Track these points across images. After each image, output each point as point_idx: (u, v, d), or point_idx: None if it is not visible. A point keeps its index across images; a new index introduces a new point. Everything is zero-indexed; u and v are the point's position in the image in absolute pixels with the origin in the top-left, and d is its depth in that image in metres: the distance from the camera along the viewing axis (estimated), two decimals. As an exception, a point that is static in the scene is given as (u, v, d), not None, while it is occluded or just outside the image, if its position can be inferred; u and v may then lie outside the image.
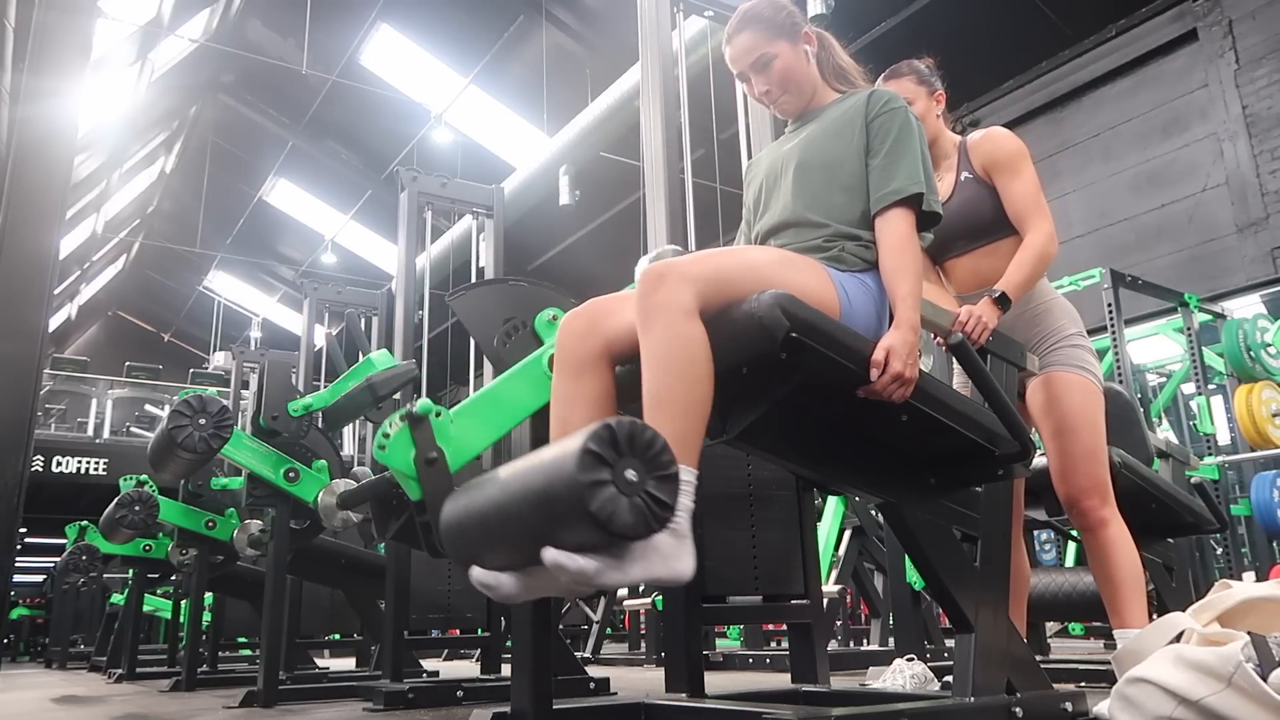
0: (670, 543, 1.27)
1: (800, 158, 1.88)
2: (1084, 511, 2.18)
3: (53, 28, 3.02)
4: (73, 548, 7.09)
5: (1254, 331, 6.17)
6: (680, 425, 1.37)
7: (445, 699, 3.25)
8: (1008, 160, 2.22)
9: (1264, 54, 7.43)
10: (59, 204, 3.06)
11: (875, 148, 1.80)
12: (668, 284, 1.45)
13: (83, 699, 4.29)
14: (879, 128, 1.81)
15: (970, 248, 2.28)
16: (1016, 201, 2.19)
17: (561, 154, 9.93)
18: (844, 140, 1.83)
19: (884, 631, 5.06)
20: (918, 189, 1.74)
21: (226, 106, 14.29)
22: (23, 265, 2.81)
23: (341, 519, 3.65)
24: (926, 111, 2.34)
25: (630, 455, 1.18)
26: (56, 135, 3.06)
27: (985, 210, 2.24)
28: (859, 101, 1.86)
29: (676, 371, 1.41)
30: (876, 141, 1.80)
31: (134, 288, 21.09)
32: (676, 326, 1.43)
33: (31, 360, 2.82)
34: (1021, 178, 2.20)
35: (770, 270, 1.57)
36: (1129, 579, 2.14)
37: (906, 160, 1.76)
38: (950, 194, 2.29)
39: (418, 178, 4.17)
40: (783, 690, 2.31)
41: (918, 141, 1.79)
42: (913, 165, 1.76)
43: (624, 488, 1.16)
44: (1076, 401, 2.18)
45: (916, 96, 2.35)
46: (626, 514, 1.15)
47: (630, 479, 1.17)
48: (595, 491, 1.13)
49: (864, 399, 1.59)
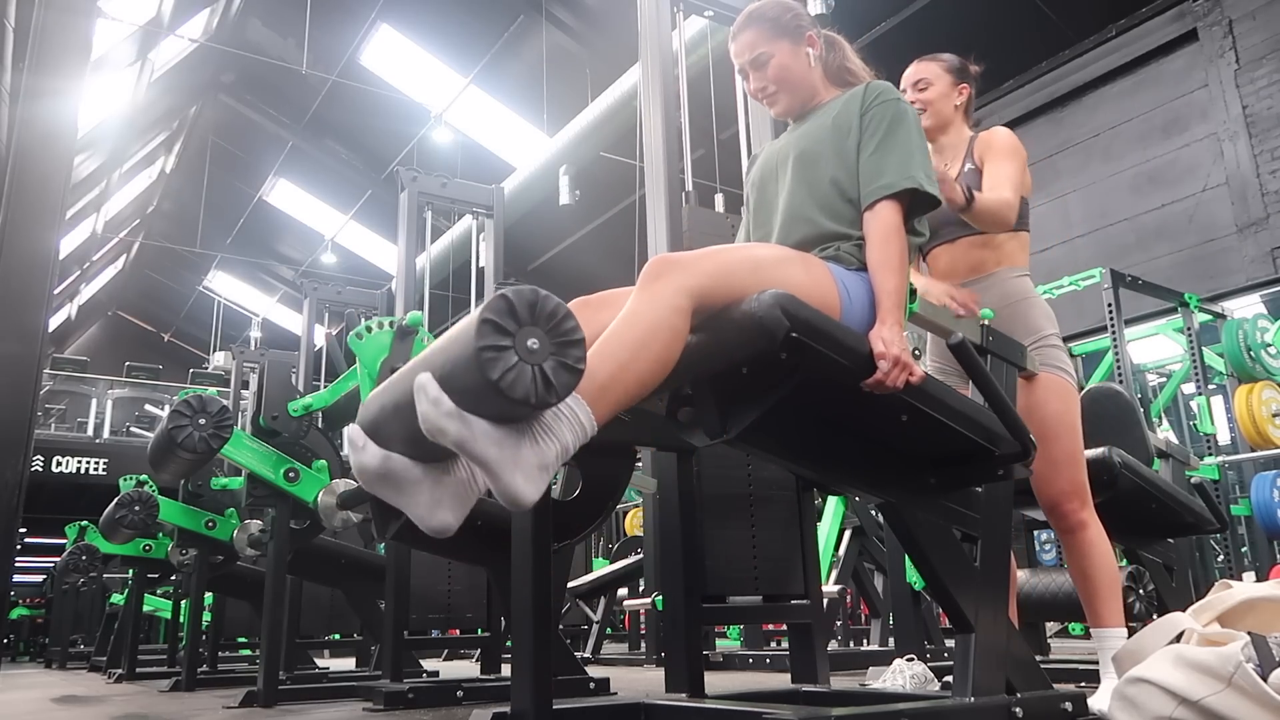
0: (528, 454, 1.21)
1: (796, 155, 1.88)
2: (1065, 514, 2.21)
3: (53, 28, 3.02)
4: (73, 548, 7.10)
5: (1254, 331, 6.17)
6: (612, 372, 1.34)
7: (445, 699, 3.24)
8: (997, 150, 2.31)
9: (1264, 54, 7.43)
10: (59, 204, 3.06)
11: (866, 141, 1.78)
12: (670, 277, 1.46)
13: (83, 699, 4.29)
14: (871, 120, 1.79)
15: (962, 234, 2.33)
16: (993, 177, 2.25)
17: (561, 154, 9.93)
18: (839, 135, 1.83)
19: (884, 631, 5.06)
20: (907, 184, 1.71)
21: (226, 106, 14.29)
22: (23, 265, 2.81)
23: (341, 519, 3.65)
24: (942, 96, 2.41)
25: (532, 324, 1.17)
26: (56, 135, 3.06)
27: None
28: (854, 95, 1.86)
29: (640, 335, 1.39)
30: (867, 135, 1.79)
31: (134, 288, 21.09)
32: (662, 309, 1.43)
33: (31, 360, 2.82)
34: (1007, 164, 2.27)
35: (772, 267, 1.57)
36: (1106, 579, 2.19)
37: (897, 153, 1.74)
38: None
39: (418, 178, 4.17)
40: (783, 690, 2.31)
41: (911, 132, 1.78)
42: (903, 158, 1.73)
43: (525, 355, 1.16)
44: (1058, 406, 2.20)
45: (937, 80, 2.42)
46: (526, 380, 1.14)
47: (532, 347, 1.16)
48: (495, 357, 1.13)
49: (864, 399, 1.59)
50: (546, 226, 12.45)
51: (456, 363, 1.19)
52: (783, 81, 1.93)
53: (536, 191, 10.49)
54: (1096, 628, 2.21)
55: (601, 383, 1.32)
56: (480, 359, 1.14)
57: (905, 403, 1.62)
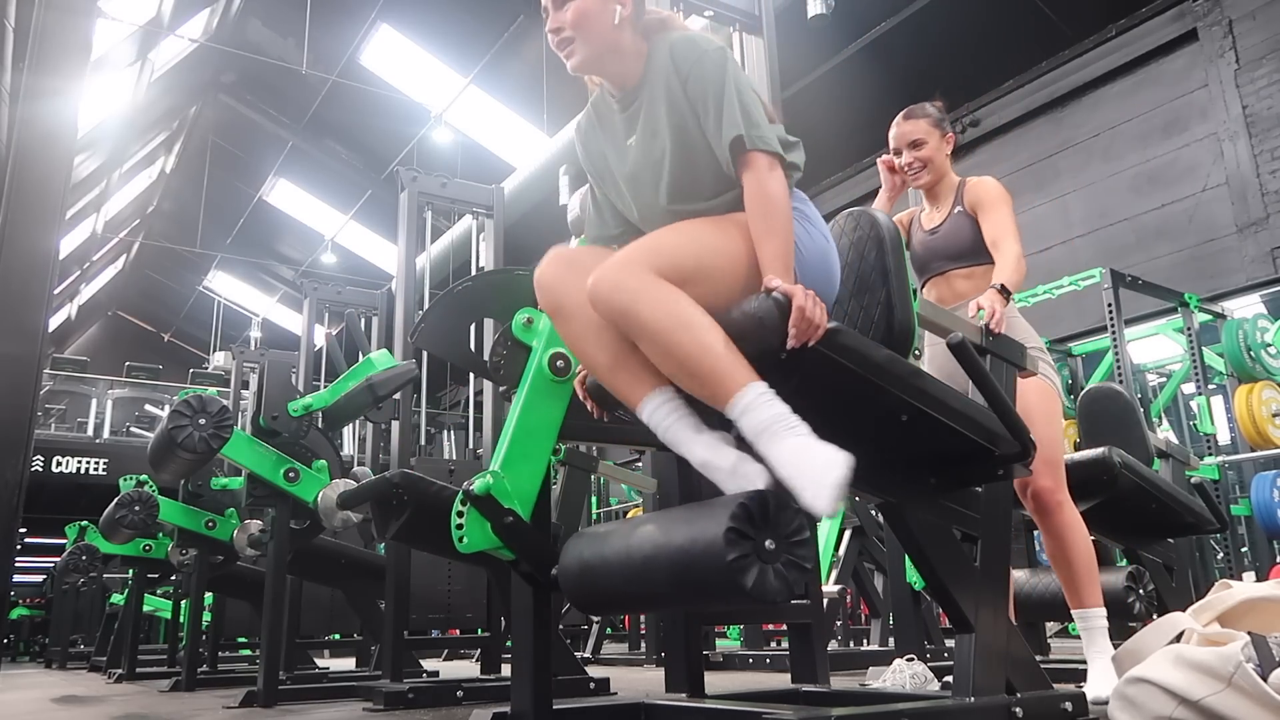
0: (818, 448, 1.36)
1: (647, 155, 1.72)
2: (1040, 494, 2.37)
3: (53, 28, 3.02)
4: (73, 548, 7.10)
5: (1254, 331, 6.17)
6: (712, 363, 1.40)
7: (445, 699, 3.24)
8: (990, 199, 2.53)
9: (1264, 54, 7.43)
10: (59, 204, 3.06)
11: (702, 111, 1.62)
12: (628, 276, 1.46)
13: (83, 699, 4.29)
14: (696, 89, 1.63)
15: (951, 268, 2.58)
16: (995, 227, 2.48)
17: (561, 154, 9.93)
18: (677, 114, 1.66)
19: (884, 631, 5.06)
20: (759, 136, 1.56)
21: (226, 106, 14.28)
22: (23, 265, 2.81)
23: (341, 519, 3.65)
24: (937, 152, 2.62)
25: (766, 529, 1.33)
26: (56, 135, 3.06)
27: (967, 239, 2.55)
28: (664, 66, 1.67)
29: (678, 326, 1.42)
30: (700, 104, 1.63)
31: (134, 288, 21.09)
32: (654, 295, 1.44)
33: (31, 360, 2.82)
34: (1000, 212, 2.50)
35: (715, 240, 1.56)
36: (1085, 559, 2.35)
37: (727, 108, 1.58)
38: (942, 222, 2.61)
39: (418, 178, 4.17)
40: (783, 690, 2.31)
41: (729, 81, 1.60)
42: (732, 110, 1.57)
43: (765, 557, 1.33)
44: (1033, 397, 2.35)
45: (929, 136, 2.61)
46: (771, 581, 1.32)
47: (769, 549, 1.33)
48: (742, 565, 1.30)
49: (864, 399, 1.59)
50: (546, 226, 12.41)
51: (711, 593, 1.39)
52: (578, 27, 1.69)
53: (536, 191, 10.48)
54: (1080, 608, 2.35)
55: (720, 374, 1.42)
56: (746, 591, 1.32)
57: (905, 403, 1.62)
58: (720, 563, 1.30)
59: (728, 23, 3.35)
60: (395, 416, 4.02)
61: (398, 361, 3.81)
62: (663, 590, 1.45)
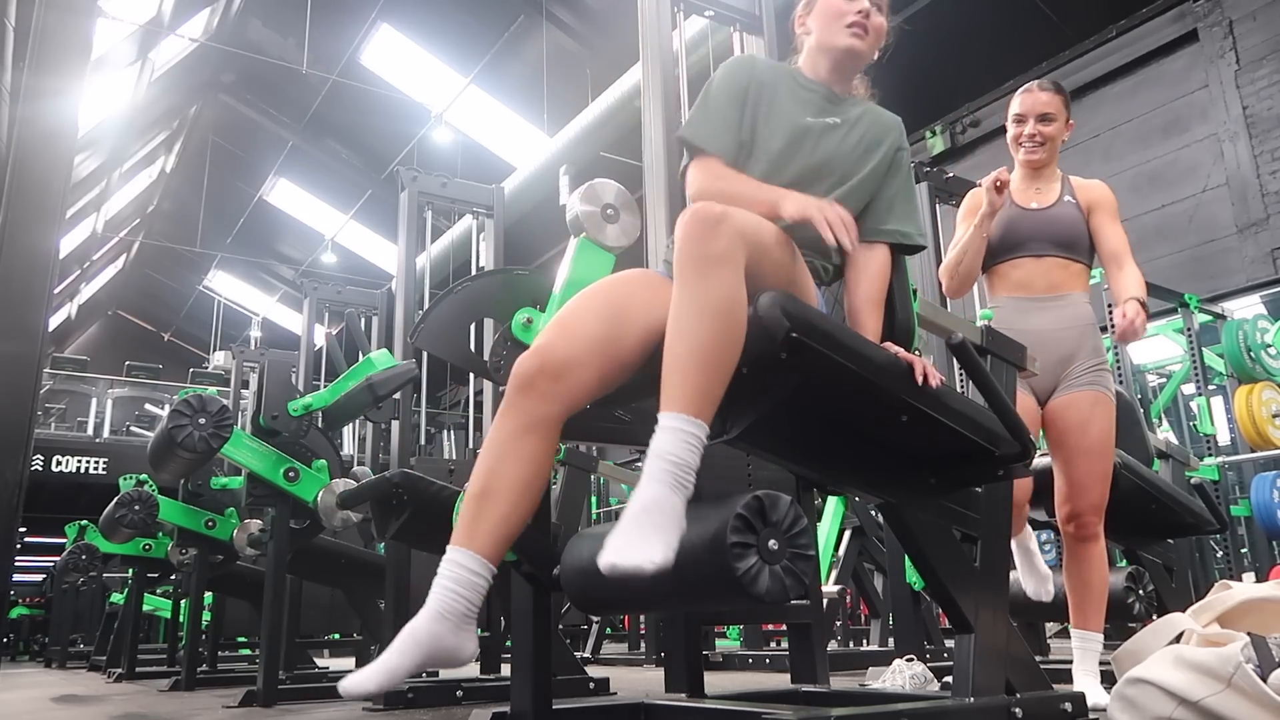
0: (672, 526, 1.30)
1: (829, 152, 1.83)
2: (1086, 525, 2.38)
3: (53, 28, 3.02)
4: (72, 547, 7.11)
5: (1254, 332, 6.17)
6: (707, 378, 1.38)
7: (445, 699, 3.24)
8: (1114, 208, 2.56)
9: (1264, 54, 7.43)
10: (59, 204, 3.06)
11: (890, 179, 1.88)
12: (725, 235, 1.41)
13: (82, 698, 4.29)
14: (901, 161, 1.90)
15: (1053, 254, 2.50)
16: (1118, 239, 2.50)
17: (561, 154, 9.93)
18: (870, 157, 1.86)
19: (884, 631, 5.06)
20: (921, 241, 1.85)
21: (226, 106, 14.29)
22: (23, 265, 2.82)
23: (341, 519, 3.65)
24: (1060, 132, 2.58)
25: (767, 527, 1.35)
26: (56, 135, 3.06)
27: (1077, 232, 2.51)
28: (889, 127, 1.91)
29: (722, 328, 1.39)
30: (892, 174, 1.88)
31: (134, 287, 21.09)
32: (731, 286, 1.40)
33: (31, 360, 2.82)
34: (1119, 225, 2.53)
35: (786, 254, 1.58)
36: (1101, 588, 2.43)
37: (915, 205, 1.90)
38: (1051, 205, 2.54)
39: (418, 177, 4.17)
40: (783, 690, 2.31)
41: (913, 187, 1.93)
42: (916, 213, 1.89)
43: (768, 556, 1.34)
44: (1107, 426, 2.38)
45: (1059, 115, 2.57)
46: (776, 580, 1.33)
47: (772, 548, 1.35)
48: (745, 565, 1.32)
49: (864, 398, 1.59)
50: (546, 226, 12.42)
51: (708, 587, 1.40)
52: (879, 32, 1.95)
53: (536, 191, 10.49)
54: (1082, 629, 2.42)
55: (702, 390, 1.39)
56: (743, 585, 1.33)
57: (905, 403, 1.62)
58: (724, 562, 1.31)
59: (728, 23, 3.35)
60: (395, 416, 4.02)
61: (398, 361, 3.81)
62: (664, 590, 1.44)
